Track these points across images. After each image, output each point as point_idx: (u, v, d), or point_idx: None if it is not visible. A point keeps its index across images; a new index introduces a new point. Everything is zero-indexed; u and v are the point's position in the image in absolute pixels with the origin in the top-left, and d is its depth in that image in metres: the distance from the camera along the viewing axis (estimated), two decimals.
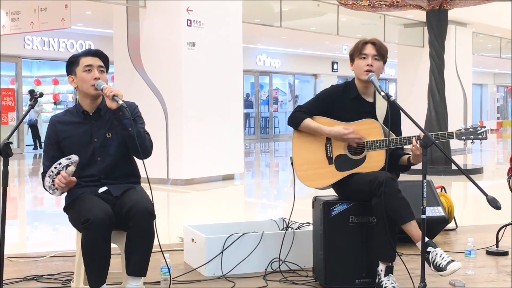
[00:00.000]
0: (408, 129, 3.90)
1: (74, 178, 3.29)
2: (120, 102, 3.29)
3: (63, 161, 3.31)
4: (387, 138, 3.64)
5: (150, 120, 3.60)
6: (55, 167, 3.30)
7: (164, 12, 9.54)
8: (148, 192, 3.32)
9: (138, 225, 3.19)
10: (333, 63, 25.77)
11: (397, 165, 3.77)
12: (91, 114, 3.49)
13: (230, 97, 10.22)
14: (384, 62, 3.83)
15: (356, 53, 3.81)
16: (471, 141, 3.57)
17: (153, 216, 3.23)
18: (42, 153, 3.56)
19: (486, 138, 3.55)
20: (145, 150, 3.39)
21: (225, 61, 10.06)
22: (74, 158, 3.32)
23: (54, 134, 3.49)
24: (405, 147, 3.73)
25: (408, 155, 3.71)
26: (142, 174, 3.59)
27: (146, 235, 3.21)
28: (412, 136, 3.58)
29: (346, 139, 3.72)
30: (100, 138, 3.46)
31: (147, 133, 3.47)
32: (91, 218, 3.10)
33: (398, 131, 3.83)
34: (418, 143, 3.48)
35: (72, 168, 3.28)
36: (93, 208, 3.17)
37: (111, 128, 3.46)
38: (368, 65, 3.74)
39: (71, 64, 3.51)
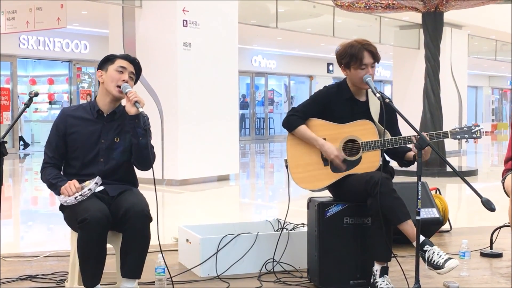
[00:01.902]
0: (403, 130, 3.90)
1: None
2: (140, 109, 3.32)
3: (93, 187, 3.27)
4: (382, 139, 3.65)
5: None
6: (87, 192, 3.24)
7: (160, 12, 9.53)
8: (148, 194, 3.32)
9: (134, 227, 3.19)
10: (328, 64, 25.80)
11: (402, 161, 3.79)
12: (105, 115, 3.49)
13: (226, 98, 10.22)
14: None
15: (354, 63, 3.73)
16: (465, 140, 3.57)
17: (149, 219, 3.23)
18: (46, 143, 3.55)
19: (480, 137, 3.56)
20: (149, 162, 3.40)
21: (220, 61, 10.06)
22: (99, 181, 3.30)
23: (63, 126, 3.48)
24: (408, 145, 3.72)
25: (414, 153, 3.70)
26: (137, 174, 3.61)
27: (141, 237, 3.21)
28: (410, 136, 3.58)
29: (332, 160, 3.72)
30: (107, 140, 3.45)
31: (152, 147, 3.48)
32: (88, 218, 3.09)
33: (395, 129, 3.83)
34: (413, 145, 3.49)
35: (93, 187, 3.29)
36: (90, 207, 3.16)
37: (121, 134, 3.46)
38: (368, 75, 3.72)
39: (107, 60, 3.52)
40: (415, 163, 3.71)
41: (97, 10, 12.41)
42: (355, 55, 3.74)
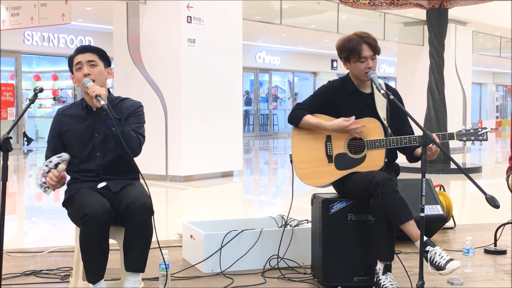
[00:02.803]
0: None
1: (64, 174, 3.35)
2: (102, 103, 3.28)
3: (54, 159, 3.37)
4: (387, 138, 3.64)
5: (149, 116, 3.60)
6: (46, 165, 3.34)
7: (164, 9, 9.53)
8: (152, 190, 3.32)
9: (136, 221, 3.19)
10: (332, 61, 25.78)
11: (411, 157, 3.76)
12: (94, 109, 3.50)
13: (230, 94, 10.22)
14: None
15: (353, 56, 3.74)
16: (471, 142, 3.56)
17: (151, 212, 3.22)
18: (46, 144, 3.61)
19: (486, 140, 3.54)
20: (130, 149, 3.31)
21: (224, 58, 10.06)
22: (64, 156, 3.39)
23: (57, 126, 3.53)
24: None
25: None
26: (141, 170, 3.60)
27: (144, 231, 3.21)
28: (415, 136, 3.57)
29: (348, 130, 3.69)
30: (101, 134, 3.46)
31: (140, 134, 3.44)
32: (89, 213, 3.10)
33: (405, 125, 3.80)
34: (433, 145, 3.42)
35: (62, 166, 3.35)
36: (92, 203, 3.18)
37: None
38: (368, 67, 3.72)
39: (69, 65, 3.55)
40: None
41: (102, 6, 12.41)
42: (353, 49, 3.74)
